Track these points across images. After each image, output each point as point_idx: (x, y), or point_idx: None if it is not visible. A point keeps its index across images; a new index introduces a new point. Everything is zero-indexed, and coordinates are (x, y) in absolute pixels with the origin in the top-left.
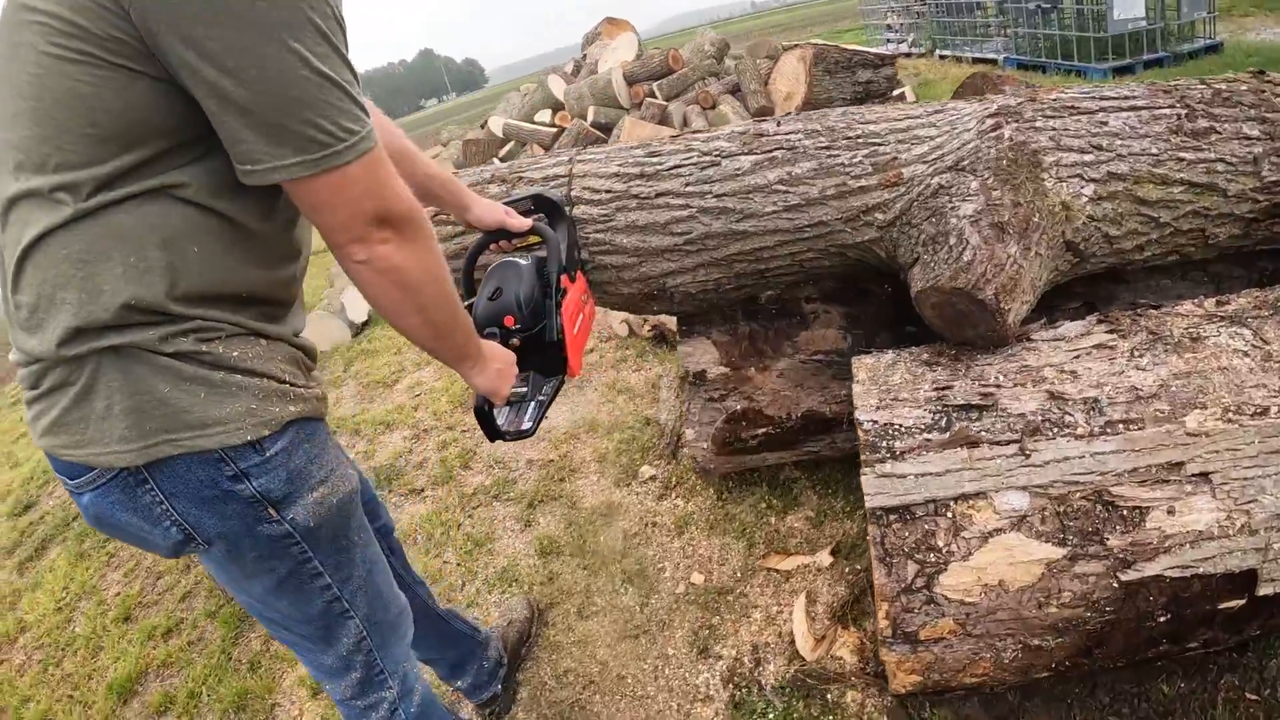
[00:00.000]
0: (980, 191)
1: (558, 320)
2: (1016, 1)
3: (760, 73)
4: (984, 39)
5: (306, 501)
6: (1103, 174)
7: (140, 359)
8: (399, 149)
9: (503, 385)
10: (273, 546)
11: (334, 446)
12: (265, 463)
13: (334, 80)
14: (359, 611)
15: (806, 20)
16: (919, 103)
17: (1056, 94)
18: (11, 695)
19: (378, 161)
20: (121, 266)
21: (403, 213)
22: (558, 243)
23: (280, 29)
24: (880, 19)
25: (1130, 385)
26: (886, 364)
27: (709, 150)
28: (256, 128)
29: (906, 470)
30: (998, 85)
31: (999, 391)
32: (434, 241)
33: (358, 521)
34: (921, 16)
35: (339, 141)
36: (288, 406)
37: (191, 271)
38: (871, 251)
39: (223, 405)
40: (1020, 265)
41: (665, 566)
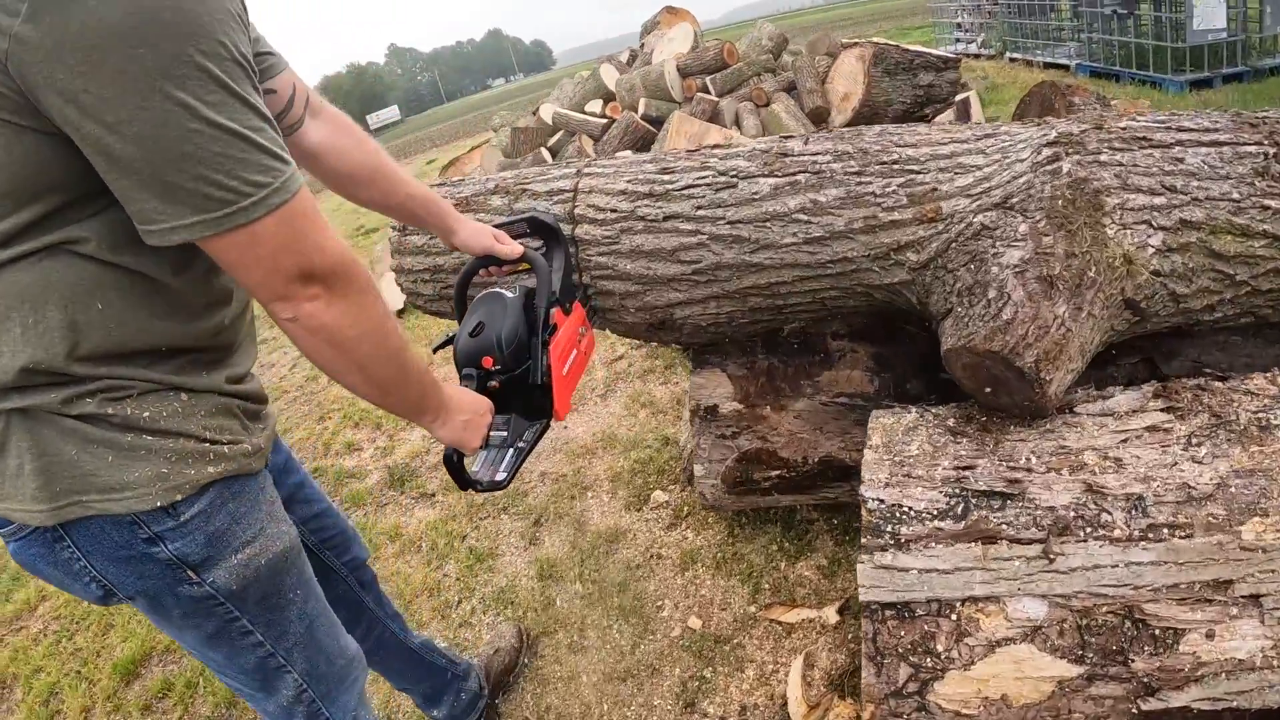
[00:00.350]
0: (1029, 236)
1: (544, 360)
2: (1092, 5)
3: (818, 71)
4: (1057, 43)
5: (230, 564)
6: (1174, 221)
7: (46, 421)
8: (375, 167)
9: (471, 438)
10: (196, 606)
11: (268, 502)
12: (180, 527)
13: (232, 130)
14: (297, 667)
15: (875, 14)
16: (967, 124)
17: (1127, 120)
18: (25, 664)
19: (295, 214)
20: (20, 328)
21: (329, 267)
22: (549, 274)
23: (163, 78)
24: (950, 17)
25: (1183, 482)
26: (905, 427)
27: (725, 170)
28: (148, 186)
29: (910, 564)
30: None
31: (1028, 478)
32: (371, 295)
33: (295, 579)
34: (992, 16)
35: (243, 197)
36: (205, 468)
37: (96, 330)
38: (901, 295)
39: (131, 469)
40: (1069, 328)
41: (664, 605)
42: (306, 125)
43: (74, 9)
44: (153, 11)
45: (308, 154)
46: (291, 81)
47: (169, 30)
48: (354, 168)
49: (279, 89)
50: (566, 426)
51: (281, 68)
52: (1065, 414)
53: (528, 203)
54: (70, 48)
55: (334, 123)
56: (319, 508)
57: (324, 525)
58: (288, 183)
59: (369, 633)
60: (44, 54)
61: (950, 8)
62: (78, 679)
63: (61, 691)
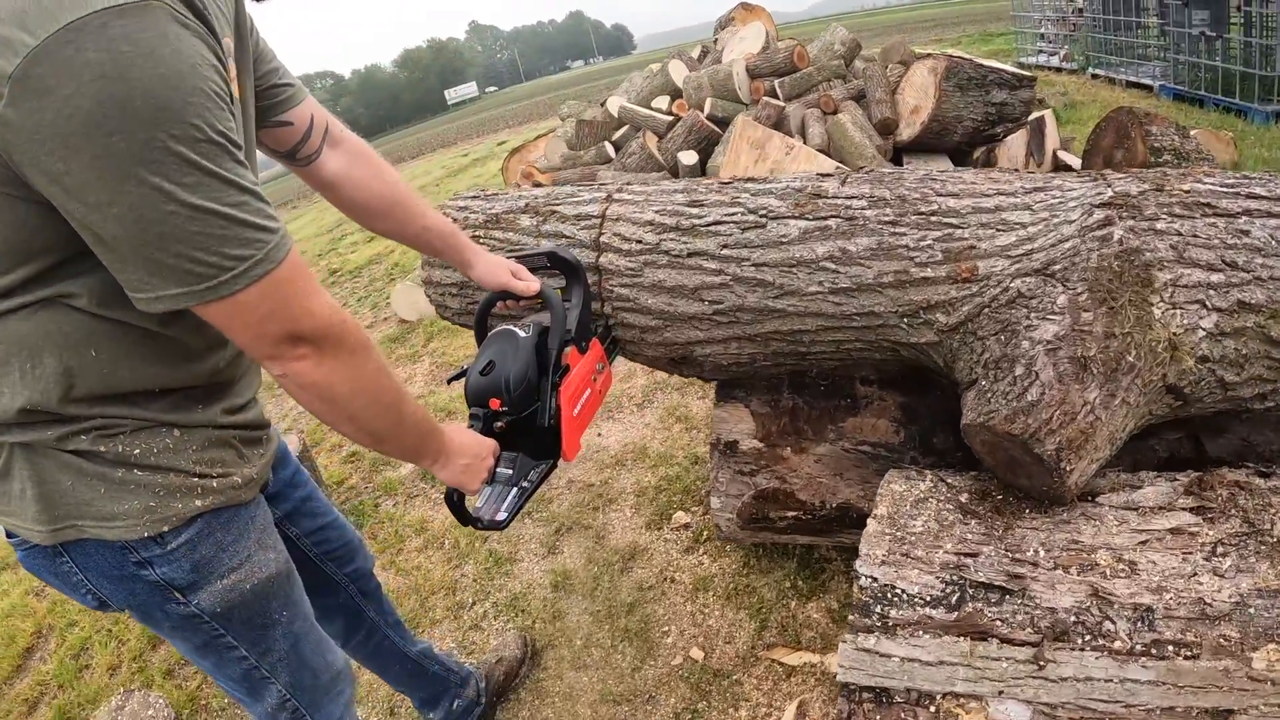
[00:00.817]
0: (1067, 310)
1: (553, 403)
2: (1180, 24)
3: (889, 80)
4: (1142, 61)
5: (215, 588)
6: (1230, 302)
7: (44, 454)
8: (392, 198)
9: (470, 480)
10: (183, 622)
11: (257, 530)
12: (167, 555)
13: (209, 210)
14: (281, 680)
15: (961, 17)
16: (1017, 174)
17: (1192, 182)
18: (61, 617)
19: (280, 281)
20: (19, 372)
21: (317, 330)
22: (563, 314)
23: (137, 164)
24: (1033, 26)
25: (1198, 597)
26: (915, 498)
27: (755, 208)
28: (132, 261)
29: (893, 651)
30: (1144, 125)
31: (1032, 573)
32: (362, 354)
33: (281, 601)
34: (1077, 29)
35: (224, 271)
36: (193, 502)
37: (90, 375)
38: (928, 355)
39: (121, 502)
40: (1098, 416)
41: (670, 630)
42: (325, 155)
43: (49, 98)
44: (124, 100)
45: (325, 183)
46: (309, 113)
47: (141, 117)
48: (370, 198)
49: (295, 121)
50: (600, 433)
51: (299, 100)
52: (1086, 502)
53: (555, 226)
54: (49, 134)
55: (353, 153)
56: (324, 521)
57: (328, 538)
58: (272, 252)
59: (368, 640)
60: (26, 137)
61: (1034, 17)
62: (108, 637)
63: (92, 648)
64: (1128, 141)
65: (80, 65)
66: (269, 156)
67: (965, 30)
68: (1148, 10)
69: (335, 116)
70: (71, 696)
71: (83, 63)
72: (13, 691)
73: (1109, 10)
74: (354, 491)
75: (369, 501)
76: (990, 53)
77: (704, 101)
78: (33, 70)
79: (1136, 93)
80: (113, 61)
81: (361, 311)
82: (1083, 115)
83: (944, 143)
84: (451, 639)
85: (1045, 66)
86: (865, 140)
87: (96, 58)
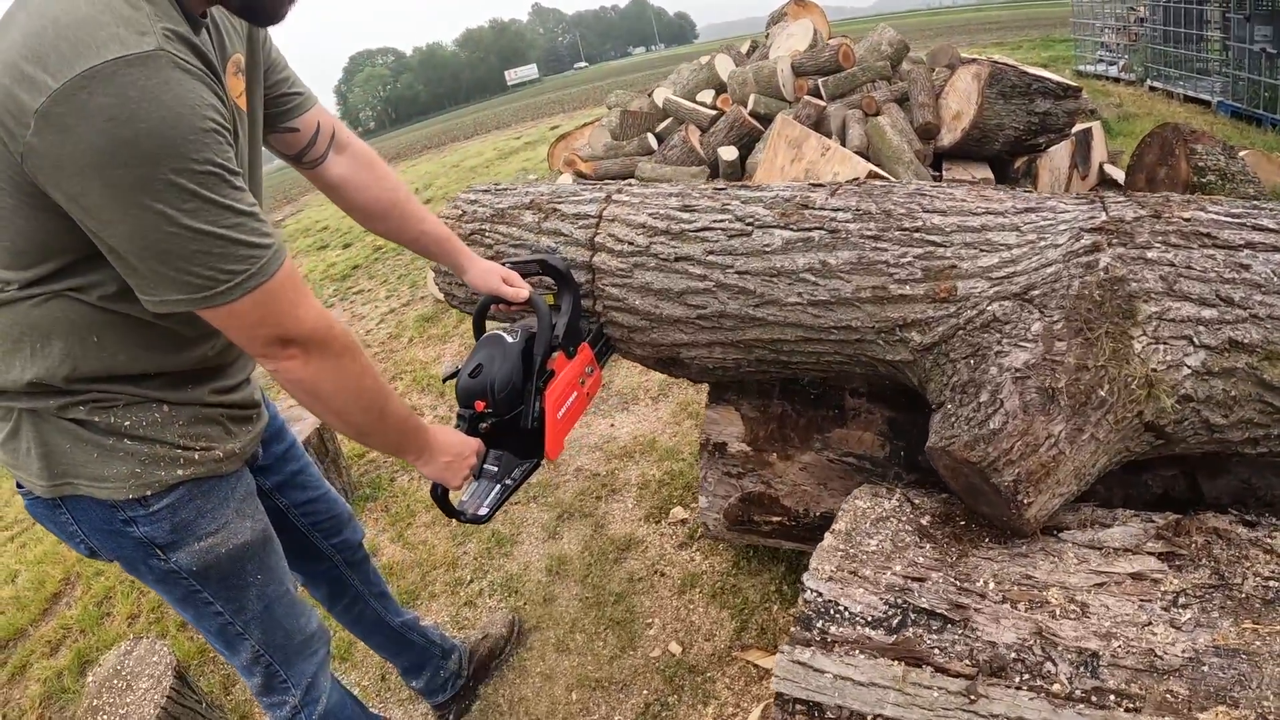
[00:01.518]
0: (1040, 338)
1: (537, 406)
2: (1242, 40)
3: (933, 84)
4: (1201, 76)
5: (193, 549)
6: (1221, 340)
7: (46, 419)
8: (391, 203)
9: (453, 476)
10: (164, 576)
11: (238, 499)
12: (150, 515)
13: (207, 232)
14: (254, 636)
15: (1025, 20)
16: (1010, 194)
17: (1194, 210)
18: (89, 565)
19: (272, 292)
20: (29, 350)
21: (305, 335)
22: (549, 322)
23: (142, 193)
24: (1093, 34)
25: (1149, 648)
26: (876, 516)
27: (743, 215)
28: (138, 270)
29: (826, 666)
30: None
31: (978, 604)
32: (350, 355)
33: (257, 565)
34: (1137, 39)
35: (220, 283)
36: (175, 471)
37: (91, 358)
38: (904, 373)
39: (110, 466)
40: (1062, 450)
41: (653, 623)
42: (330, 160)
43: (68, 134)
44: (129, 139)
45: (329, 186)
46: (316, 120)
47: (146, 154)
48: (370, 202)
49: (302, 127)
50: (613, 424)
51: (307, 107)
52: (1050, 536)
53: (555, 224)
54: (68, 163)
55: (358, 159)
56: (314, 494)
57: (316, 510)
58: (265, 266)
59: (351, 607)
60: (50, 163)
61: (1095, 25)
62: (130, 588)
63: (115, 597)
64: (1172, 159)
65: (93, 109)
66: (278, 157)
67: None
68: (1210, 24)
69: (390, 95)
70: (91, 641)
71: (95, 106)
72: (38, 633)
73: (1170, 22)
74: (372, 464)
75: (385, 476)
76: (1049, 59)
77: (747, 97)
78: (54, 109)
79: (1194, 108)
80: (120, 106)
81: (400, 289)
82: (1136, 128)
83: (985, 151)
84: (446, 613)
85: (1104, 76)
86: (904, 144)
87: (107, 102)
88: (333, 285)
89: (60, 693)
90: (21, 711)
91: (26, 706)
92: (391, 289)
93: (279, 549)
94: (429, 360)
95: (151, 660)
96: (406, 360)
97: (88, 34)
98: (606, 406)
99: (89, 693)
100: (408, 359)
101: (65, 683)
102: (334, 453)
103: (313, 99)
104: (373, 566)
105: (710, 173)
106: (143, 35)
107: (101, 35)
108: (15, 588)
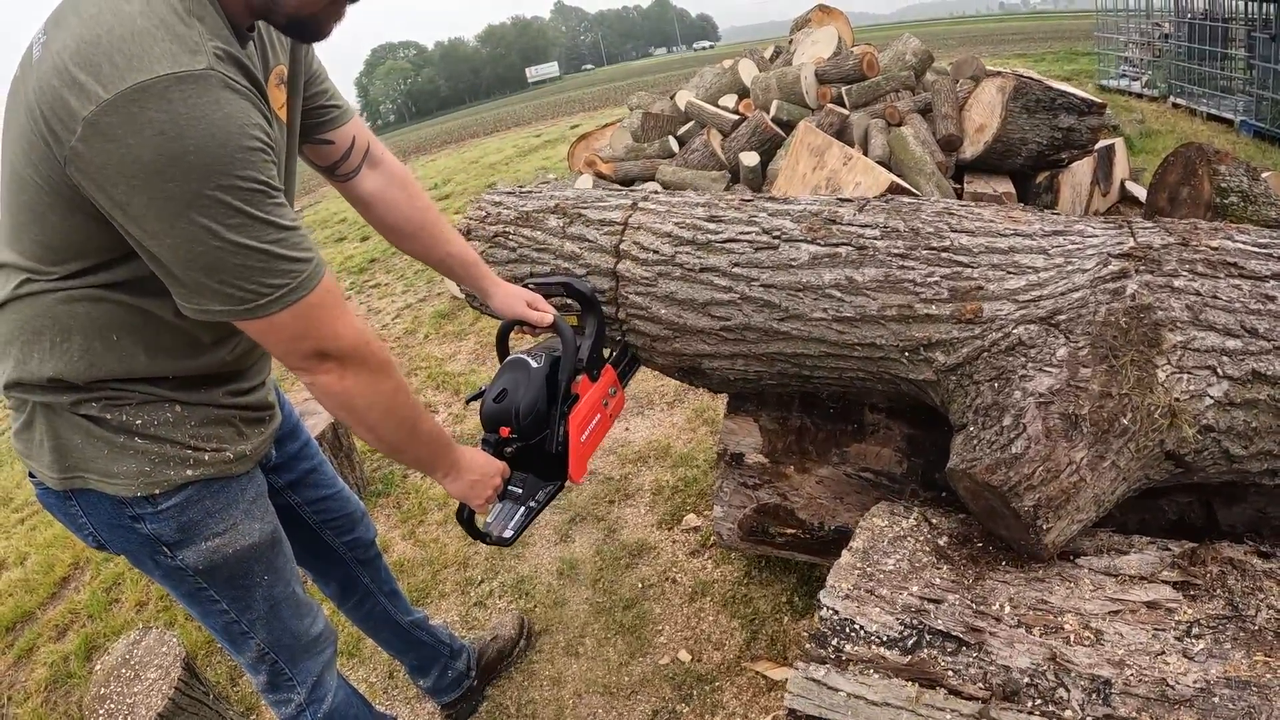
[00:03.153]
0: (1065, 364)
1: (561, 430)
2: (1267, 60)
3: (957, 96)
4: (1225, 94)
5: (200, 549)
6: (1244, 371)
7: (60, 414)
8: (420, 224)
9: (477, 496)
10: (171, 573)
11: (247, 501)
12: (157, 513)
13: (250, 247)
14: (259, 636)
15: (1050, 32)
16: (1039, 215)
17: (1221, 239)
18: (99, 551)
19: (311, 306)
20: (50, 344)
21: (343, 351)
22: (574, 346)
23: (188, 208)
24: (1117, 48)
25: (1161, 677)
26: (894, 535)
27: (770, 228)
28: (181, 280)
29: (840, 685)
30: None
31: (994, 628)
32: (383, 374)
33: (264, 566)
34: (1161, 55)
35: (261, 296)
36: (184, 471)
37: (110, 357)
38: (926, 393)
39: (120, 463)
40: (1083, 477)
41: (664, 630)
42: (363, 174)
43: (116, 144)
44: (178, 155)
45: (360, 200)
46: (352, 134)
47: (193, 171)
48: (401, 222)
49: (338, 140)
50: (627, 428)
51: (344, 120)
52: (1066, 561)
53: (580, 229)
54: (114, 172)
55: (390, 176)
56: (327, 492)
57: (329, 508)
58: (306, 280)
59: (361, 604)
60: (95, 170)
61: (1119, 39)
62: (140, 576)
63: (124, 583)
64: (1194, 179)
65: (143, 122)
66: (310, 167)
67: (1051, 46)
68: (1235, 41)
69: (410, 89)
70: (98, 627)
71: (145, 120)
72: (45, 616)
73: (1195, 38)
74: (386, 461)
75: (398, 472)
76: (1072, 72)
77: (770, 103)
78: (103, 119)
79: (1217, 126)
80: (171, 122)
81: (417, 284)
82: (1158, 145)
83: (1007, 164)
84: (456, 613)
85: (1126, 91)
86: (926, 155)
87: (157, 117)
88: (350, 278)
89: (66, 677)
90: (27, 695)
91: (32, 690)
92: (409, 284)
93: (288, 550)
94: (444, 357)
95: (160, 651)
96: (422, 356)
97: (142, 48)
98: (622, 411)
99: (97, 681)
100: (423, 355)
101: (71, 668)
102: (347, 448)
103: (350, 112)
104: (384, 564)
105: (731, 178)
106: (194, 54)
107: (155, 50)
108: (24, 570)
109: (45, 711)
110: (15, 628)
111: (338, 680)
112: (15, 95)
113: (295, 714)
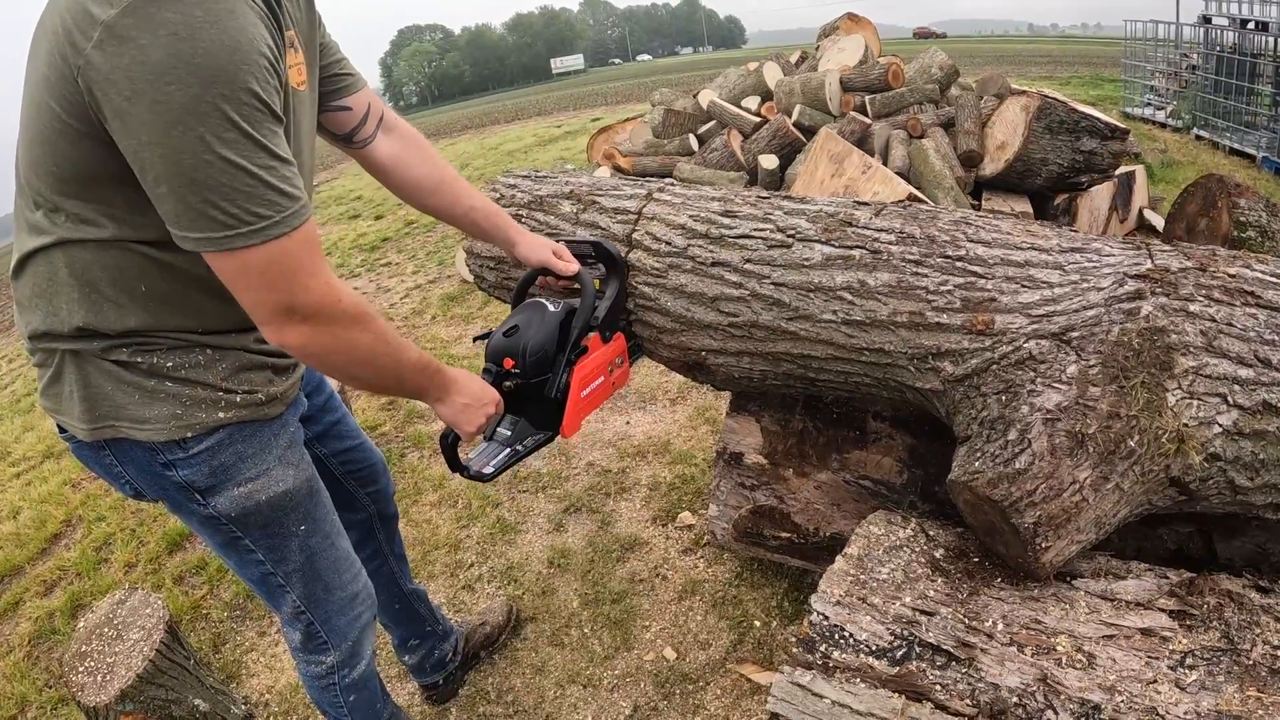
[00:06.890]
0: (1075, 381)
1: (564, 378)
2: None
3: (980, 112)
4: (1249, 129)
5: (232, 495)
6: (1255, 402)
7: (90, 362)
8: (440, 179)
9: (467, 421)
10: (205, 521)
11: (281, 446)
12: (189, 458)
13: (240, 166)
14: (295, 590)
15: (1076, 57)
16: (1057, 231)
17: (1239, 266)
18: (91, 510)
19: (287, 251)
20: (78, 293)
21: (312, 307)
22: (593, 299)
23: (187, 113)
24: (1143, 77)
25: (1151, 706)
26: (890, 544)
27: (785, 226)
28: (168, 198)
29: (825, 692)
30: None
31: (985, 644)
32: (360, 326)
33: (301, 515)
34: (1187, 86)
35: (242, 224)
36: (216, 413)
37: (137, 306)
38: (931, 402)
39: (151, 407)
40: (1085, 498)
41: (650, 626)
42: (379, 140)
43: (128, 45)
44: (187, 57)
45: (378, 166)
46: (367, 101)
47: (198, 74)
48: (420, 178)
49: (354, 107)
50: (628, 422)
51: (357, 88)
52: (1062, 582)
53: (594, 216)
54: (121, 75)
55: (405, 139)
56: (352, 443)
57: (354, 459)
58: (288, 218)
59: (370, 561)
60: (104, 75)
61: (1146, 68)
62: (131, 536)
63: (114, 543)
64: (1213, 210)
65: (159, 21)
66: (329, 142)
67: (1078, 70)
68: (1262, 78)
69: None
70: (86, 585)
71: (161, 20)
72: (34, 571)
73: (1222, 71)
74: (384, 438)
75: (396, 451)
76: (1097, 98)
77: (793, 108)
78: (121, 21)
79: (1238, 161)
80: (185, 23)
81: (428, 265)
82: (1178, 176)
83: (1026, 184)
84: (444, 594)
85: (1150, 120)
86: (945, 170)
87: (172, 17)
88: (361, 255)
89: (50, 633)
90: (10, 648)
91: (16, 643)
92: (419, 265)
93: (327, 502)
94: (450, 339)
95: (144, 612)
96: (428, 337)
97: None
98: (624, 404)
99: (78, 638)
100: (429, 336)
101: (56, 624)
102: None
103: (362, 80)
104: (398, 527)
105: (749, 180)
106: None
107: None
108: (16, 524)
109: (27, 666)
110: (3, 581)
111: (370, 653)
112: (42, 25)
113: (324, 674)
